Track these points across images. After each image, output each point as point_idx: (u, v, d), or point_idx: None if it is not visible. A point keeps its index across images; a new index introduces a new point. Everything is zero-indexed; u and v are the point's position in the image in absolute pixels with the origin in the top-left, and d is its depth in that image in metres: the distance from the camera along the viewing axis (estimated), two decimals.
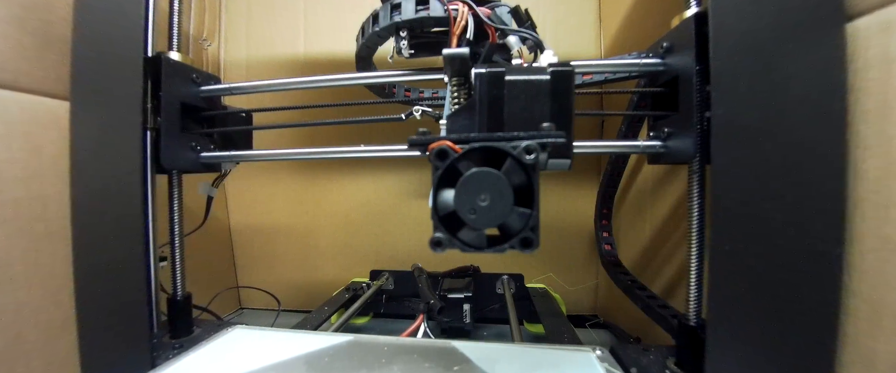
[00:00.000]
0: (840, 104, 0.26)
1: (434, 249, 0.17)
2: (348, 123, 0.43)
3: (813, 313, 0.26)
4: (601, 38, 0.69)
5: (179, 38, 0.42)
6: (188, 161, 0.41)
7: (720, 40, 0.28)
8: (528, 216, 0.16)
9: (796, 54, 0.26)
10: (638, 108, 0.42)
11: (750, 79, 0.27)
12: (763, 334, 0.27)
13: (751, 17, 0.28)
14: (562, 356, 0.33)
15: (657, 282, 0.50)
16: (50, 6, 0.38)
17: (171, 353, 0.37)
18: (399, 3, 0.34)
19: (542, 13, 0.70)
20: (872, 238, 0.25)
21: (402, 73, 0.40)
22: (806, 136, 0.26)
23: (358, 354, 0.33)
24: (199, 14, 0.70)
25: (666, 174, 0.50)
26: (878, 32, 0.24)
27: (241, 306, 0.77)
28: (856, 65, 0.25)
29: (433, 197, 0.17)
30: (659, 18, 0.46)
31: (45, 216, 0.38)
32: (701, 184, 0.32)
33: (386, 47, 0.40)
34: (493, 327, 0.60)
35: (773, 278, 0.27)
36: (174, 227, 0.42)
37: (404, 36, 0.35)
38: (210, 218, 0.54)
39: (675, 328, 0.34)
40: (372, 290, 0.59)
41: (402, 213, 0.72)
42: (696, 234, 0.32)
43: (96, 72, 0.37)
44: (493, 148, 0.17)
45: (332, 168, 0.74)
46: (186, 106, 0.41)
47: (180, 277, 0.43)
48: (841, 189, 0.26)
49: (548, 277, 0.68)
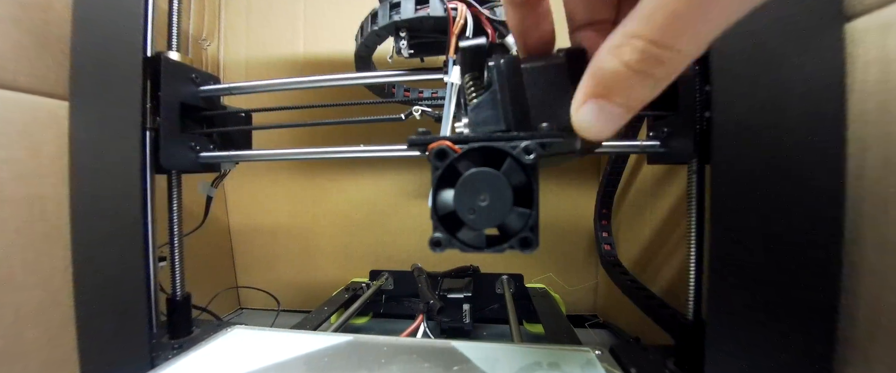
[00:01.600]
0: (839, 104, 0.26)
1: (433, 250, 0.17)
2: (348, 123, 0.43)
3: (812, 313, 0.26)
4: None
5: (179, 38, 0.42)
6: (187, 161, 0.41)
7: (720, 40, 0.28)
8: (528, 216, 0.16)
9: (796, 54, 0.26)
10: None
11: (749, 79, 0.27)
12: (762, 334, 0.27)
13: (750, 17, 0.27)
14: (561, 356, 0.33)
15: (657, 282, 0.50)
16: (49, 6, 0.38)
17: (171, 353, 0.37)
18: (398, 2, 0.34)
19: None
20: (871, 238, 0.25)
21: (402, 73, 0.40)
22: (805, 135, 0.26)
23: (357, 354, 0.33)
24: (199, 14, 0.70)
25: (665, 174, 0.50)
26: (877, 33, 0.25)
27: (241, 307, 0.77)
28: (855, 65, 0.25)
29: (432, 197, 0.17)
30: None
31: (44, 216, 0.38)
32: (700, 184, 0.32)
33: (386, 47, 0.40)
34: (493, 327, 0.60)
35: (772, 278, 0.27)
36: (173, 227, 0.42)
37: (404, 35, 0.35)
38: (209, 218, 0.54)
39: (675, 328, 0.34)
40: (371, 290, 0.59)
41: (402, 213, 0.72)
42: (696, 234, 0.32)
43: (95, 72, 0.37)
44: (493, 148, 0.17)
45: (331, 168, 0.74)
46: (186, 106, 0.41)
47: (180, 277, 0.43)
48: (840, 189, 0.26)
49: (547, 277, 0.68)
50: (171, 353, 0.37)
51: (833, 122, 0.26)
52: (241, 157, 0.44)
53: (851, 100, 0.26)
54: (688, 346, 0.32)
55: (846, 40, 0.26)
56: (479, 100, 0.19)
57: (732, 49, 0.28)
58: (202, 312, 0.53)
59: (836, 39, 0.26)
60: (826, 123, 0.26)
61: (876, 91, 0.24)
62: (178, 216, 0.42)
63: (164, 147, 0.38)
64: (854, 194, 0.25)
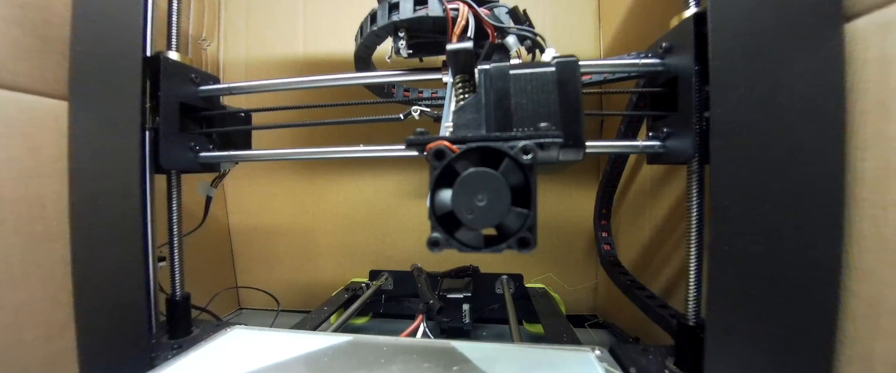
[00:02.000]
0: (838, 104, 0.26)
1: (431, 250, 0.17)
2: (347, 122, 0.43)
3: (811, 313, 0.26)
4: (600, 38, 0.69)
5: (178, 38, 0.42)
6: (187, 161, 0.41)
7: (719, 40, 0.28)
8: (526, 216, 0.16)
9: (795, 54, 0.26)
10: (637, 108, 0.42)
11: (749, 79, 0.27)
12: (762, 334, 0.27)
13: (750, 17, 0.28)
14: (561, 356, 0.33)
15: (656, 282, 0.50)
16: (48, 5, 0.38)
17: (170, 353, 0.37)
18: (397, 2, 0.34)
19: (542, 13, 0.70)
20: (871, 238, 0.25)
21: (401, 73, 0.40)
22: (805, 136, 0.26)
23: (357, 354, 0.33)
24: (199, 14, 0.70)
25: (665, 174, 0.50)
26: (876, 33, 0.24)
27: (240, 307, 0.77)
28: (854, 65, 0.25)
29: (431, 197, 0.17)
30: (658, 18, 0.46)
31: (43, 216, 0.38)
32: (700, 184, 0.32)
33: (386, 47, 0.40)
34: (493, 327, 0.60)
35: (772, 278, 0.27)
36: (173, 227, 0.42)
37: (402, 36, 0.35)
38: (209, 218, 0.54)
39: (674, 328, 0.34)
40: (371, 290, 0.59)
41: (402, 213, 0.72)
42: (695, 234, 0.32)
43: (95, 71, 0.37)
44: (491, 148, 0.17)
45: (331, 168, 0.74)
46: (185, 106, 0.41)
47: (179, 277, 0.43)
48: (839, 189, 0.26)
49: (547, 277, 0.68)
50: (171, 353, 0.37)
51: (832, 122, 0.26)
52: (240, 157, 0.44)
53: (851, 100, 0.26)
54: (688, 346, 0.32)
55: (846, 40, 0.26)
56: (464, 103, 0.19)
57: (732, 49, 0.28)
58: (202, 312, 0.54)
59: (835, 39, 0.26)
60: (825, 124, 0.26)
61: (876, 91, 0.24)
62: (178, 216, 0.42)
63: (163, 147, 0.38)
64: (854, 194, 0.25)
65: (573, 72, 0.16)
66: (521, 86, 0.19)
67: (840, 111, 0.26)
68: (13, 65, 0.36)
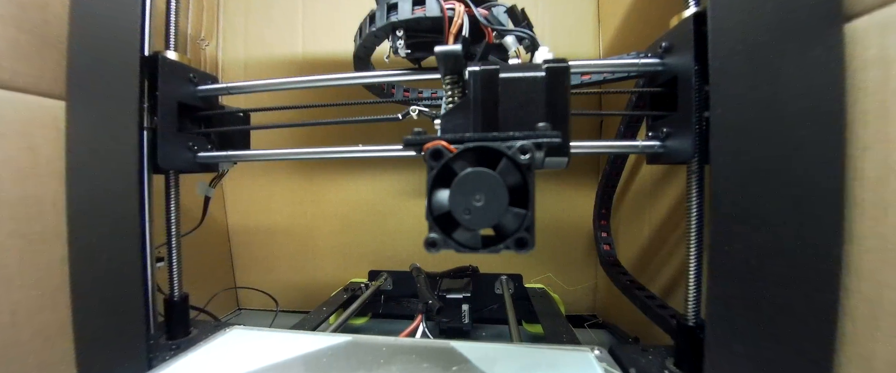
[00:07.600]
0: (838, 104, 0.26)
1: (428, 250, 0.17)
2: (346, 122, 0.43)
3: (811, 313, 0.26)
4: (600, 37, 0.69)
5: (176, 38, 0.41)
6: (185, 161, 0.41)
7: (719, 40, 0.28)
8: (523, 216, 0.16)
9: (795, 54, 0.26)
10: (636, 107, 0.42)
11: (749, 79, 0.27)
12: (762, 334, 0.27)
13: (750, 17, 0.27)
14: (560, 356, 0.33)
15: (656, 282, 0.50)
16: (47, 5, 0.38)
17: (168, 354, 0.37)
18: (395, 2, 0.34)
19: (541, 13, 0.69)
20: (871, 238, 0.24)
21: (400, 73, 0.40)
22: (804, 136, 0.26)
23: (356, 354, 0.33)
24: (197, 13, 0.70)
25: (665, 174, 0.50)
26: (876, 33, 0.24)
27: (239, 307, 0.77)
28: (854, 65, 0.25)
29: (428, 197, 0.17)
30: (658, 18, 0.46)
31: (41, 217, 0.38)
32: (700, 184, 0.32)
33: (385, 47, 0.40)
34: (492, 328, 0.60)
35: (772, 278, 0.27)
36: (171, 227, 0.42)
37: (400, 36, 0.35)
38: (207, 218, 0.53)
39: (674, 328, 0.34)
40: (370, 290, 0.59)
41: (401, 213, 0.72)
42: (695, 234, 0.32)
43: (93, 71, 0.37)
44: (488, 148, 0.16)
45: (330, 168, 0.74)
46: (183, 106, 0.41)
47: (177, 277, 0.43)
48: (839, 189, 0.26)
49: (546, 277, 0.68)
50: (169, 354, 0.37)
51: (833, 122, 0.26)
52: (239, 157, 0.44)
53: (851, 100, 0.25)
54: (687, 346, 0.32)
55: (846, 40, 0.26)
56: (453, 107, 0.19)
57: (732, 49, 0.28)
58: (200, 312, 0.53)
59: (835, 39, 0.26)
60: (825, 124, 0.26)
61: (876, 91, 0.24)
62: (176, 216, 0.42)
63: (161, 147, 0.38)
64: (854, 194, 0.25)
65: (564, 78, 0.16)
66: (511, 90, 0.19)
67: (840, 111, 0.26)
68: (11, 65, 0.36)
